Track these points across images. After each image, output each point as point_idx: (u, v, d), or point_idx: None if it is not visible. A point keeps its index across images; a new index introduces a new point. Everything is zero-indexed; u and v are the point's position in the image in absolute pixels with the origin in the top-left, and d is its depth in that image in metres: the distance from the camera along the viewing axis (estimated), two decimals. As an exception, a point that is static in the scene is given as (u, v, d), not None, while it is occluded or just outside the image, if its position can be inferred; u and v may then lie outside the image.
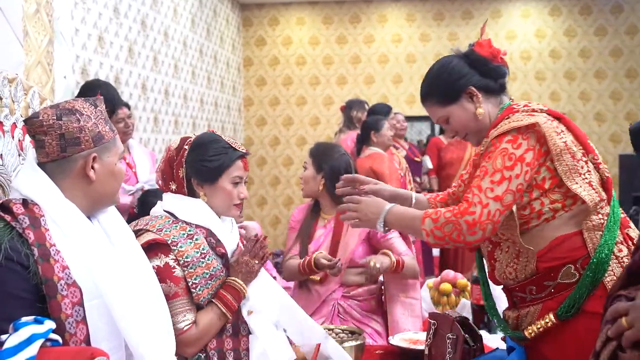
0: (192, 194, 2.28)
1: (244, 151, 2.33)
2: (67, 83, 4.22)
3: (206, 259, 2.18)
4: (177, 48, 7.48)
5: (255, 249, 2.27)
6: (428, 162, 6.81)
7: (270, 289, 2.34)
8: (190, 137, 2.34)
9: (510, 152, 2.00)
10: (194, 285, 2.12)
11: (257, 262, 2.25)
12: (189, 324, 2.09)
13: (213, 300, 2.18)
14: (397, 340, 2.61)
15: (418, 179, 6.48)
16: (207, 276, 2.17)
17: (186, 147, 2.27)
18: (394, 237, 3.04)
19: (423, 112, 8.73)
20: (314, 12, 10.21)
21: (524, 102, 2.16)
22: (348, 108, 6.20)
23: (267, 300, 2.30)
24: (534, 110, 2.08)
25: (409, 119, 9.57)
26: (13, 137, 1.88)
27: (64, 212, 1.74)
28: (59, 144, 1.76)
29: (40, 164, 1.77)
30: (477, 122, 2.17)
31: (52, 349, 1.49)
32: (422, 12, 10.08)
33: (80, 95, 4.12)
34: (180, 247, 2.13)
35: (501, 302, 2.33)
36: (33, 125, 1.76)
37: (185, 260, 2.12)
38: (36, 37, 3.58)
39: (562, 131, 2.04)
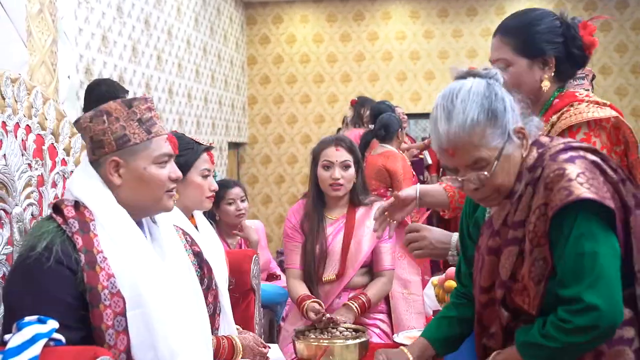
0: None
1: (207, 144, 2.43)
2: (71, 83, 4.23)
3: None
4: (180, 47, 7.48)
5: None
6: (428, 157, 6.77)
7: None
8: None
9: None
10: None
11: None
12: None
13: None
14: (401, 338, 2.60)
15: (421, 177, 6.45)
16: None
17: None
18: (388, 247, 2.99)
19: (427, 109, 8.71)
20: (318, 9, 10.20)
21: (583, 91, 2.06)
22: (359, 104, 6.14)
23: None
24: (598, 103, 1.97)
25: (413, 116, 9.56)
26: (16, 137, 1.88)
27: (112, 217, 1.69)
28: (90, 147, 1.76)
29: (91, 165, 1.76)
30: (535, 90, 1.99)
31: (55, 349, 1.49)
32: (427, 9, 10.05)
33: (85, 95, 4.13)
34: None
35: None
36: (76, 126, 1.79)
37: None
38: (40, 37, 3.59)
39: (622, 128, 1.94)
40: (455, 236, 2.13)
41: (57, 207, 1.71)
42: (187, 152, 2.35)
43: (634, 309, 1.53)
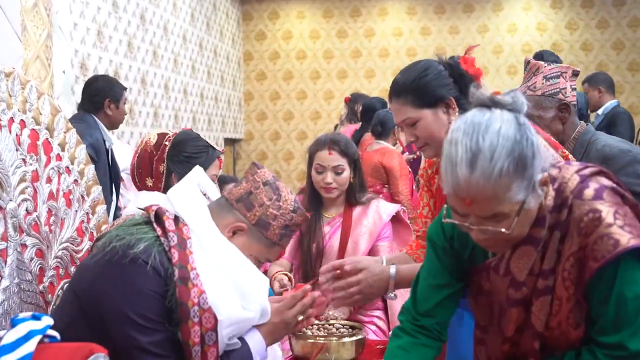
0: (167, 190, 2.32)
1: (222, 151, 2.45)
2: (66, 77, 4.21)
3: None
4: (176, 42, 7.46)
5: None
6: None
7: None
8: (169, 134, 2.42)
9: None
10: None
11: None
12: None
13: None
14: (398, 335, 2.60)
15: (417, 177, 6.44)
16: None
17: (167, 143, 2.34)
18: (385, 246, 2.98)
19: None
20: (314, 5, 10.18)
21: None
22: (353, 101, 6.17)
23: None
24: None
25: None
26: (10, 132, 1.86)
27: (208, 235, 1.75)
28: (241, 195, 1.84)
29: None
30: (445, 133, 2.02)
31: (50, 345, 1.48)
32: (423, 6, 10.04)
33: (83, 90, 4.10)
34: None
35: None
36: (252, 170, 1.88)
37: None
38: (34, 31, 3.57)
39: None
40: (392, 268, 2.07)
41: (158, 217, 1.74)
42: (202, 155, 2.37)
43: None
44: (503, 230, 1.42)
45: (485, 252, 1.62)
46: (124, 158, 4.35)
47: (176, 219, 1.74)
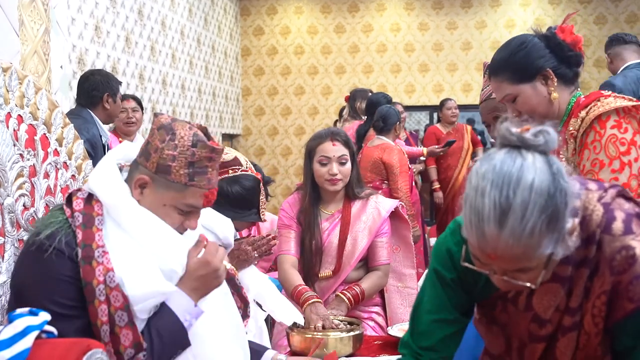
0: None
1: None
2: (63, 73, 4.20)
3: None
4: (174, 38, 7.45)
5: (260, 244, 2.27)
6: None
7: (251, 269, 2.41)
8: None
9: (620, 137, 1.92)
10: None
11: (256, 255, 2.26)
12: None
13: None
14: (395, 330, 2.60)
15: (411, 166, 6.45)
16: None
17: None
18: (384, 242, 2.98)
19: (421, 101, 8.74)
20: (312, 1, 10.16)
21: (609, 92, 2.10)
22: (352, 99, 6.15)
23: (247, 278, 2.36)
24: (624, 98, 2.01)
25: (407, 108, 9.54)
26: (8, 127, 1.85)
27: (121, 210, 1.67)
28: (142, 148, 1.74)
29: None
30: (547, 105, 2.05)
31: (47, 341, 1.47)
32: (421, 1, 10.03)
33: (78, 85, 4.10)
34: None
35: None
36: (154, 119, 1.76)
37: None
38: (32, 26, 3.56)
39: None
40: None
41: (69, 198, 1.71)
42: None
43: None
44: (528, 284, 1.34)
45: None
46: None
47: (89, 197, 1.68)
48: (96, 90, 4.03)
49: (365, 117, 5.56)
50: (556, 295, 1.43)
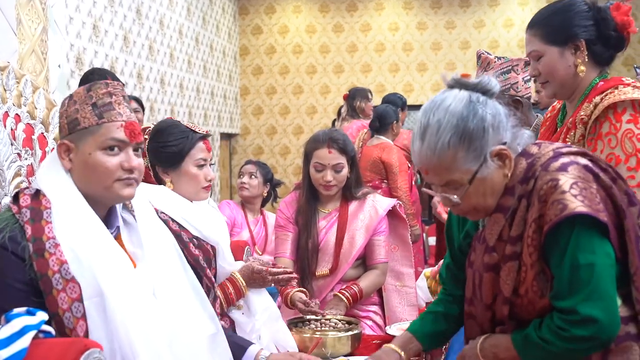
0: (159, 182, 2.31)
1: (204, 132, 2.33)
2: (61, 72, 4.19)
3: None
4: (172, 37, 7.44)
5: (280, 278, 2.39)
6: None
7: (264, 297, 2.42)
8: (149, 126, 2.36)
9: (636, 132, 1.86)
10: None
11: (272, 284, 2.37)
12: None
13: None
14: (394, 330, 2.60)
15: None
16: None
17: (146, 136, 2.28)
18: (381, 240, 2.97)
19: (419, 100, 8.77)
20: (311, 0, 10.16)
21: (630, 79, 2.01)
22: (351, 98, 6.14)
23: (257, 302, 2.37)
24: None
25: (407, 107, 9.54)
26: (5, 126, 1.85)
27: (67, 204, 1.66)
28: (59, 131, 1.75)
29: None
30: (570, 76, 1.99)
31: (44, 341, 1.47)
32: (420, 1, 10.03)
33: (79, 85, 4.10)
34: None
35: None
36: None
37: None
38: (30, 25, 3.55)
39: None
40: None
41: (16, 196, 1.70)
42: (181, 141, 2.28)
43: (632, 307, 1.52)
44: (455, 197, 1.58)
45: (476, 226, 1.74)
46: None
47: (37, 193, 1.67)
48: None
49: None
50: (499, 224, 1.59)
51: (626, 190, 1.58)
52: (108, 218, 1.75)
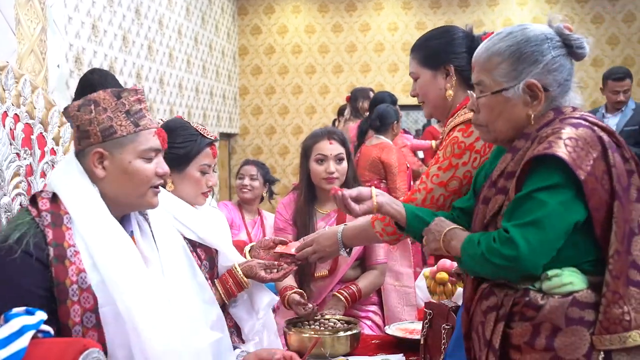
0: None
1: (212, 138, 2.30)
2: (60, 72, 4.18)
3: None
4: (171, 37, 7.44)
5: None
6: (420, 152, 6.77)
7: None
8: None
9: (460, 140, 2.01)
10: None
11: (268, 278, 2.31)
12: None
13: (215, 281, 2.21)
14: (393, 329, 2.60)
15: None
16: None
17: None
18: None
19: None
20: (310, 0, 10.16)
21: None
22: (353, 99, 6.14)
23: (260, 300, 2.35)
24: None
25: (405, 107, 9.54)
26: (4, 126, 1.85)
27: (86, 211, 1.65)
28: (77, 137, 1.71)
29: (76, 156, 1.72)
30: (441, 99, 2.13)
31: (43, 340, 1.47)
32: (419, 0, 10.03)
33: (78, 85, 4.08)
34: None
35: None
36: (64, 114, 1.74)
37: None
38: (29, 25, 3.55)
39: None
40: (339, 231, 2.22)
41: (33, 199, 1.68)
42: (189, 144, 2.23)
43: (598, 294, 1.53)
44: (474, 95, 1.70)
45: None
46: None
47: (54, 196, 1.66)
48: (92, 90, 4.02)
49: (366, 114, 5.56)
50: (505, 162, 1.65)
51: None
52: (122, 223, 1.75)
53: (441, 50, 2.12)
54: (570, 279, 1.54)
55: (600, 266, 1.54)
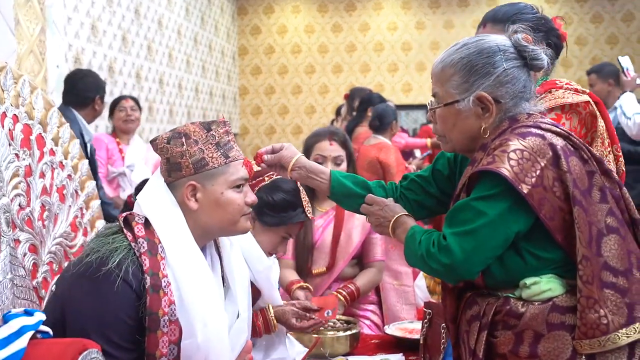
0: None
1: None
2: (59, 72, 4.19)
3: None
4: (171, 37, 7.44)
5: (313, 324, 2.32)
6: (417, 151, 6.77)
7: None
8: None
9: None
10: None
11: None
12: None
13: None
14: (392, 329, 2.60)
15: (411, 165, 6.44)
16: None
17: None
18: (378, 238, 2.98)
19: (418, 100, 8.74)
20: (309, 0, 10.16)
21: (564, 79, 2.08)
22: (351, 98, 6.15)
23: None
24: (577, 90, 2.00)
25: (405, 107, 9.56)
26: (3, 127, 1.85)
27: (178, 242, 1.66)
28: (166, 168, 1.73)
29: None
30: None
31: (42, 341, 1.47)
32: (418, 0, 10.03)
33: (65, 84, 4.07)
34: None
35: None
36: (152, 146, 1.76)
37: None
38: (28, 25, 3.55)
39: (599, 116, 1.98)
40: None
41: (127, 222, 1.68)
42: None
43: (576, 298, 1.54)
44: (429, 105, 1.73)
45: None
46: (134, 155, 4.55)
47: (147, 222, 1.67)
48: (90, 92, 4.03)
49: (354, 113, 5.56)
50: (466, 175, 1.66)
51: (602, 187, 1.59)
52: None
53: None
54: (549, 286, 1.55)
55: (571, 267, 1.54)
